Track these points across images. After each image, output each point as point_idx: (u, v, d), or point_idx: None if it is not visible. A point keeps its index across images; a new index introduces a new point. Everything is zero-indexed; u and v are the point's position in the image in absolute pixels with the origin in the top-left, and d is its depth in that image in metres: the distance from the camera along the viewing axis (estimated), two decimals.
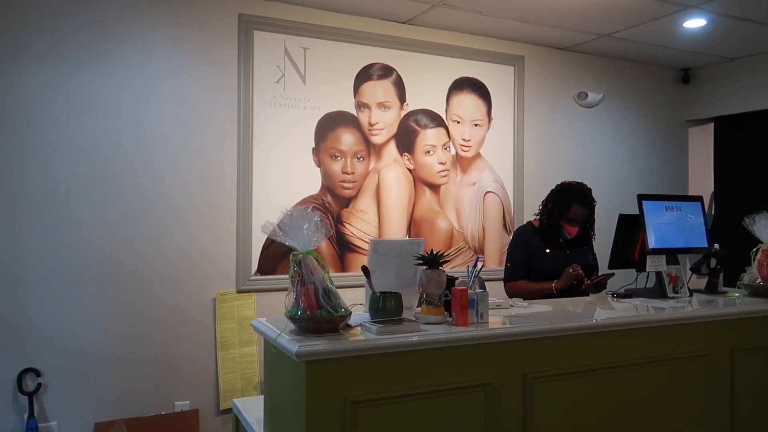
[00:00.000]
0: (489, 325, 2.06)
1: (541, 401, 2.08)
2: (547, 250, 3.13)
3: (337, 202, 3.87)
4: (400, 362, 1.85)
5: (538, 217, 3.22)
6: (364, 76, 3.95)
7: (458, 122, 4.26)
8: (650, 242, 2.78)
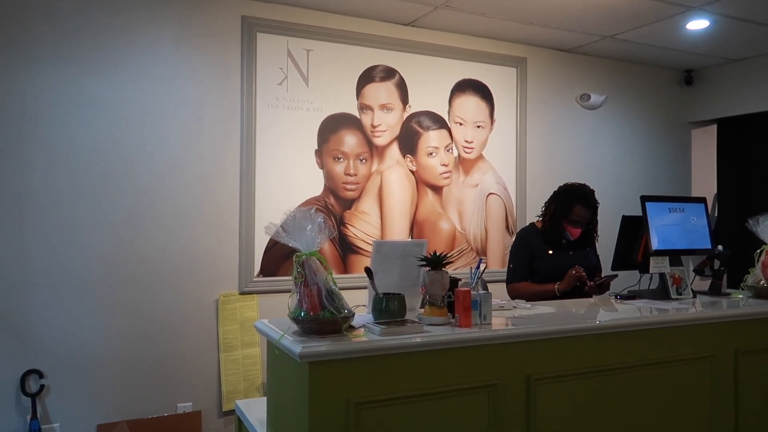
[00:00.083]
0: (492, 326, 2.06)
1: (544, 403, 2.08)
2: (549, 252, 3.12)
3: (339, 204, 3.87)
4: (404, 363, 1.85)
5: (540, 218, 3.21)
6: (367, 78, 3.96)
7: (461, 124, 4.26)
8: (653, 243, 2.77)
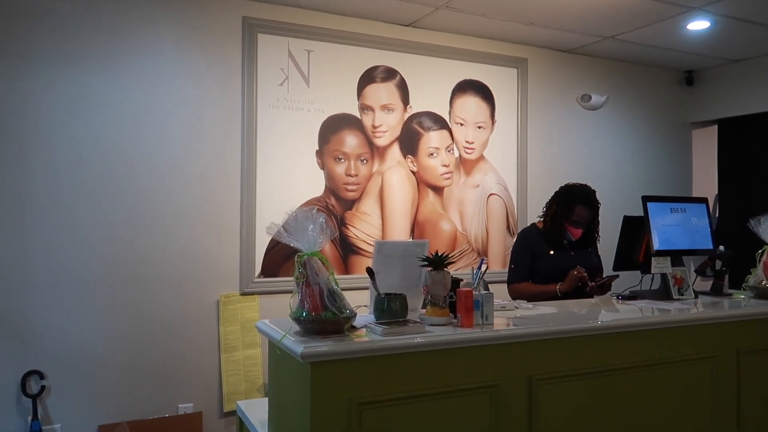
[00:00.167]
0: (494, 326, 2.06)
1: (546, 403, 2.07)
2: (551, 252, 3.12)
3: (340, 205, 3.87)
4: (406, 363, 1.85)
5: (542, 219, 3.21)
6: (368, 78, 3.96)
7: (461, 124, 4.26)
8: (655, 244, 2.77)
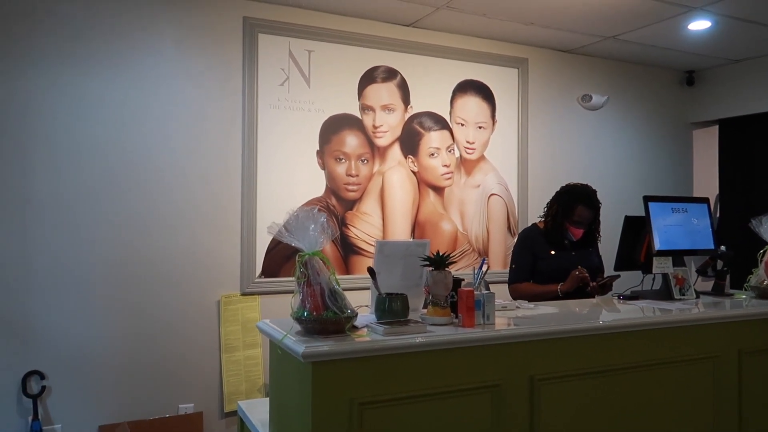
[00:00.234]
0: (495, 326, 2.06)
1: (547, 403, 2.07)
2: (552, 252, 3.11)
3: (341, 205, 3.86)
4: (407, 363, 1.85)
5: (543, 219, 3.21)
6: (369, 78, 3.95)
7: (462, 125, 4.26)
8: (656, 244, 2.77)
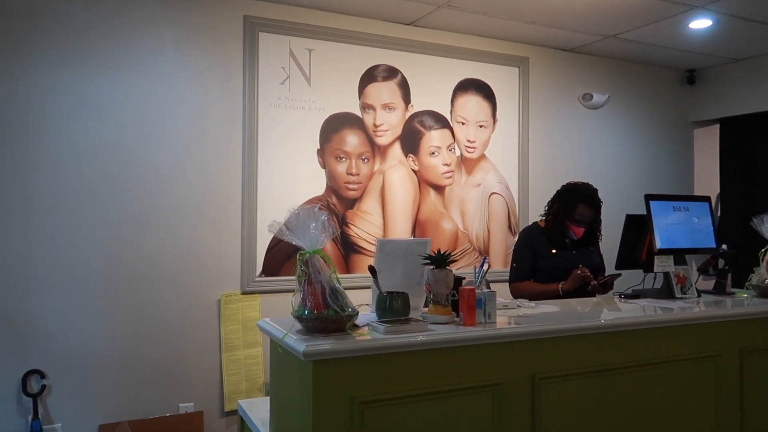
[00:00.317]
0: (497, 325, 2.05)
1: (549, 402, 2.07)
2: (553, 251, 3.11)
3: (341, 204, 3.86)
4: (408, 362, 1.84)
5: (544, 217, 3.21)
6: (369, 77, 3.95)
7: (463, 123, 4.25)
8: (658, 243, 2.76)
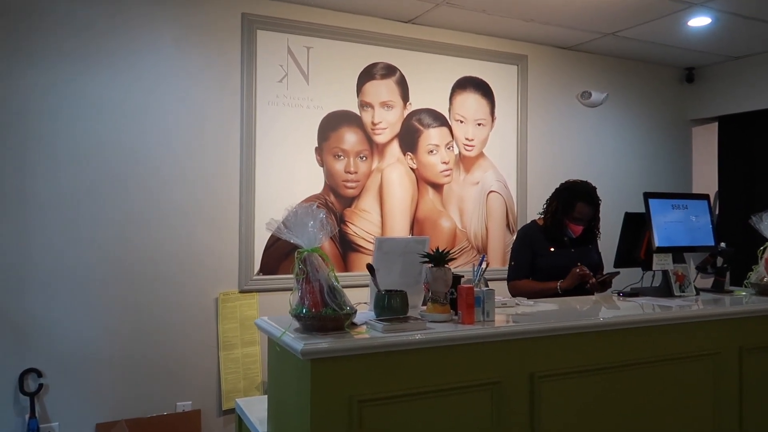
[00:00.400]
0: (495, 323, 2.04)
1: (548, 400, 2.06)
2: (551, 249, 3.10)
3: (339, 202, 3.85)
4: (407, 360, 1.83)
5: (542, 216, 3.20)
6: (368, 75, 3.94)
7: (461, 121, 4.24)
8: (656, 241, 2.75)
